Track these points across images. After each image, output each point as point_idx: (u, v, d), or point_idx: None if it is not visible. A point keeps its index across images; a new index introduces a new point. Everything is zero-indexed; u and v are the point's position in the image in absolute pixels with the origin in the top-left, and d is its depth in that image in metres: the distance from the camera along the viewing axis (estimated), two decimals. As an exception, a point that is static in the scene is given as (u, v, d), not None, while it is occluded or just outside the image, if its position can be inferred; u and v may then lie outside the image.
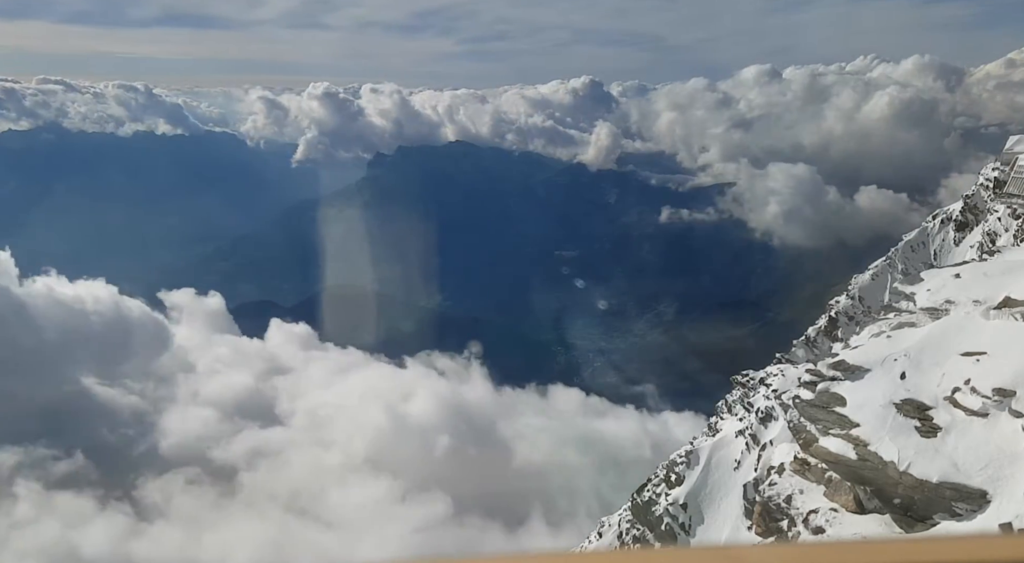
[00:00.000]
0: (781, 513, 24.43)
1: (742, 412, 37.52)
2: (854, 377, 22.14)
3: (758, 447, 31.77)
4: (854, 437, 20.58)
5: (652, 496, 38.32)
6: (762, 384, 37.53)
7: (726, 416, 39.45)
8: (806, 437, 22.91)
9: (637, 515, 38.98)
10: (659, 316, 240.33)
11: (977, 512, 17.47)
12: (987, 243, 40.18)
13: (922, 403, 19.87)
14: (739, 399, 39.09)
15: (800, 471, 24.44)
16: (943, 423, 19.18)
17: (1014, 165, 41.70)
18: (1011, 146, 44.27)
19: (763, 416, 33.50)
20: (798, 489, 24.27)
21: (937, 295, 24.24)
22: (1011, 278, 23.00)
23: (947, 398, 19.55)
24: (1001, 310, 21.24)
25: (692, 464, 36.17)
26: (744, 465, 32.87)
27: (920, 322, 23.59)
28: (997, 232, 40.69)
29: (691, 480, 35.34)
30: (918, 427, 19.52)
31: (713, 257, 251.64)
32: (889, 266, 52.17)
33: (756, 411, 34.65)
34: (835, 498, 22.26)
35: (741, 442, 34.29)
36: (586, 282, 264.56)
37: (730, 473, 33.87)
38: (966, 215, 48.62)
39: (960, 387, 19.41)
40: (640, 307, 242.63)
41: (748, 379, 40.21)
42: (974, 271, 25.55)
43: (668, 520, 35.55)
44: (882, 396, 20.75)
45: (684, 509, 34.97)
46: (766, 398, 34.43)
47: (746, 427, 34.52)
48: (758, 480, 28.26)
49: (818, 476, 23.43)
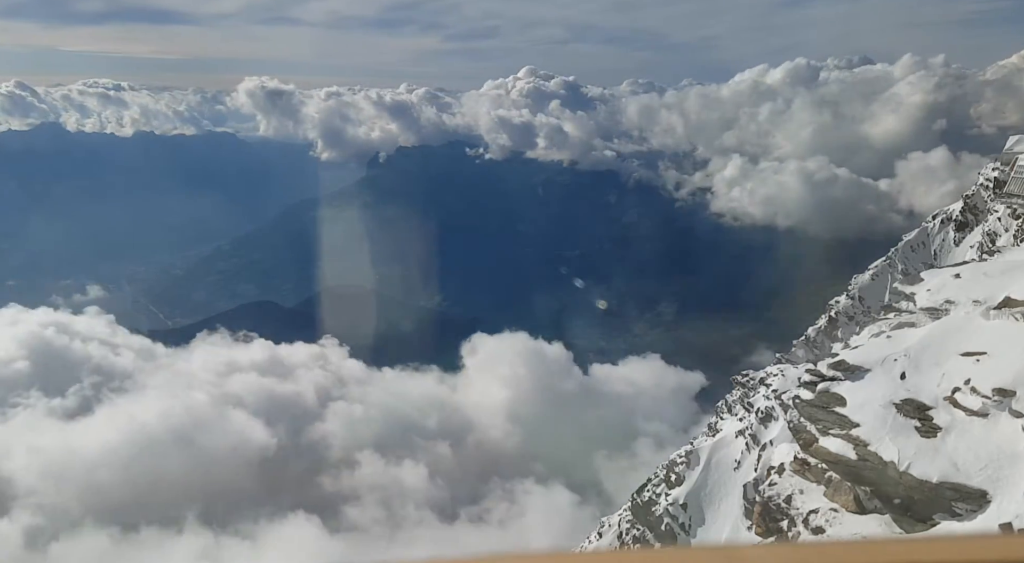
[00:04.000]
0: (781, 513, 24.44)
1: (742, 412, 37.54)
2: (854, 377, 22.14)
3: (758, 447, 31.80)
4: (854, 437, 20.59)
5: (652, 496, 38.36)
6: (762, 384, 37.56)
7: (726, 416, 39.47)
8: (806, 437, 22.91)
9: (637, 515, 39.00)
10: (659, 316, 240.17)
11: (977, 512, 17.48)
12: (987, 243, 40.18)
13: (922, 403, 19.87)
14: (739, 399, 39.11)
15: (800, 471, 24.45)
16: (943, 423, 19.18)
17: (1014, 165, 41.70)
18: (1011, 146, 44.26)
19: (763, 416, 33.53)
20: (798, 489, 24.28)
21: (937, 295, 24.25)
22: (1011, 278, 23.00)
23: (947, 398, 19.54)
24: (1001, 310, 21.24)
25: (692, 464, 36.20)
26: (744, 465, 32.90)
27: (920, 322, 23.60)
28: (997, 232, 40.69)
29: (691, 480, 35.38)
30: (918, 427, 19.52)
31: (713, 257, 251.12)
32: (889, 266, 52.17)
33: (756, 411, 34.68)
34: (835, 498, 22.27)
35: (741, 442, 34.32)
36: (585, 282, 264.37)
37: (730, 473, 33.90)
38: (966, 215, 48.62)
39: (960, 387, 19.40)
40: (640, 307, 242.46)
41: (748, 379, 40.25)
42: (974, 271, 25.56)
43: (668, 520, 35.57)
44: (882, 396, 20.75)
45: (684, 509, 35.00)
46: (766, 398, 34.46)
47: (746, 427, 34.55)
48: (758, 480, 28.28)
49: (818, 476, 23.44)
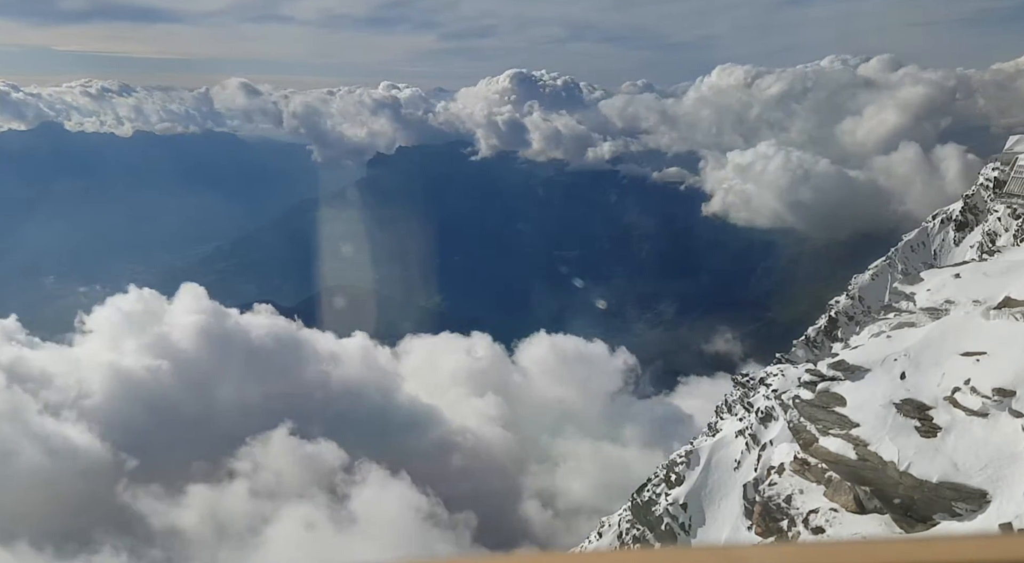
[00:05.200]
0: (781, 513, 24.44)
1: (742, 412, 37.53)
2: (854, 377, 22.15)
3: (758, 447, 31.79)
4: (854, 437, 20.59)
5: (652, 496, 38.34)
6: (762, 384, 37.55)
7: (726, 416, 39.44)
8: (806, 437, 22.92)
9: (637, 515, 38.99)
10: (659, 316, 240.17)
11: (977, 512, 17.48)
12: (987, 243, 40.22)
13: (922, 403, 19.87)
14: (739, 399, 39.09)
15: (800, 471, 24.46)
16: (943, 423, 19.19)
17: (1014, 165, 41.76)
18: (1011, 146, 44.34)
19: (763, 416, 33.53)
20: (798, 489, 24.28)
21: (937, 295, 24.26)
22: (1011, 278, 23.02)
23: (947, 398, 19.55)
24: (1001, 310, 21.25)
25: (692, 464, 36.18)
26: (744, 465, 32.88)
27: (920, 322, 23.60)
28: (997, 232, 40.73)
29: (691, 480, 35.35)
30: (918, 427, 19.53)
31: (713, 257, 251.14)
32: (889, 266, 52.22)
33: (756, 411, 34.68)
34: (835, 498, 22.28)
35: (741, 442, 34.30)
36: (585, 282, 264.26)
37: (730, 473, 33.88)
38: (966, 215, 48.68)
39: (960, 387, 19.41)
40: (640, 307, 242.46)
41: (748, 379, 40.25)
42: (974, 271, 25.59)
43: (668, 520, 35.55)
44: (882, 396, 20.76)
45: (684, 509, 34.98)
46: (766, 398, 34.45)
47: (746, 427, 34.53)
48: (758, 480, 28.28)
49: (818, 476, 23.44)
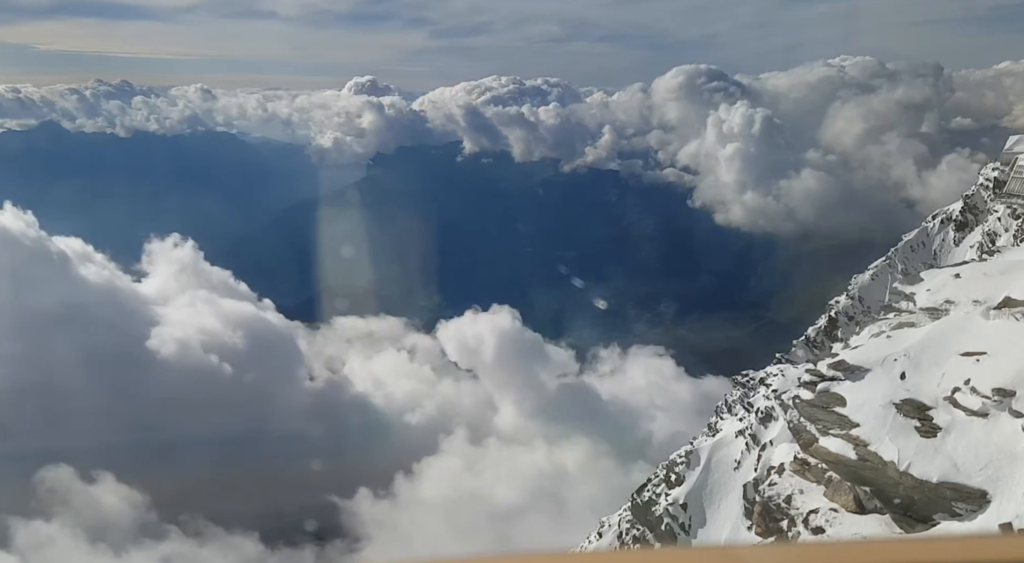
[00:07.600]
0: (781, 513, 24.44)
1: (742, 412, 37.52)
2: (854, 377, 22.14)
3: (758, 447, 31.79)
4: (854, 437, 20.59)
5: (652, 496, 38.32)
6: (762, 384, 37.55)
7: (726, 416, 39.44)
8: (806, 437, 22.91)
9: (637, 515, 38.98)
10: (659, 316, 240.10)
11: (977, 512, 17.48)
12: (987, 243, 40.25)
13: (922, 403, 19.87)
14: (739, 399, 39.09)
15: (800, 471, 24.45)
16: (943, 423, 19.19)
17: (1014, 165, 41.77)
18: (1011, 146, 44.33)
19: (763, 416, 33.52)
20: (798, 489, 24.28)
21: (937, 295, 24.26)
22: (1011, 278, 23.02)
23: (947, 398, 19.55)
24: (1001, 310, 21.25)
25: (692, 464, 36.17)
26: (744, 465, 32.88)
27: (920, 322, 23.60)
28: (997, 232, 40.76)
29: (691, 480, 35.34)
30: (918, 427, 19.52)
31: (713, 257, 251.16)
32: (889, 266, 52.26)
33: (756, 411, 34.67)
34: (835, 498, 22.27)
35: (741, 442, 34.29)
36: (585, 282, 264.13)
37: (730, 473, 33.88)
38: (966, 215, 48.71)
39: (960, 387, 19.41)
40: (640, 307, 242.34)
41: (748, 379, 40.24)
42: (974, 271, 25.58)
43: (668, 520, 35.55)
44: (882, 396, 20.75)
45: (684, 509, 34.97)
46: (766, 398, 34.45)
47: (746, 427, 34.53)
48: (758, 480, 28.27)
49: (818, 476, 23.44)
